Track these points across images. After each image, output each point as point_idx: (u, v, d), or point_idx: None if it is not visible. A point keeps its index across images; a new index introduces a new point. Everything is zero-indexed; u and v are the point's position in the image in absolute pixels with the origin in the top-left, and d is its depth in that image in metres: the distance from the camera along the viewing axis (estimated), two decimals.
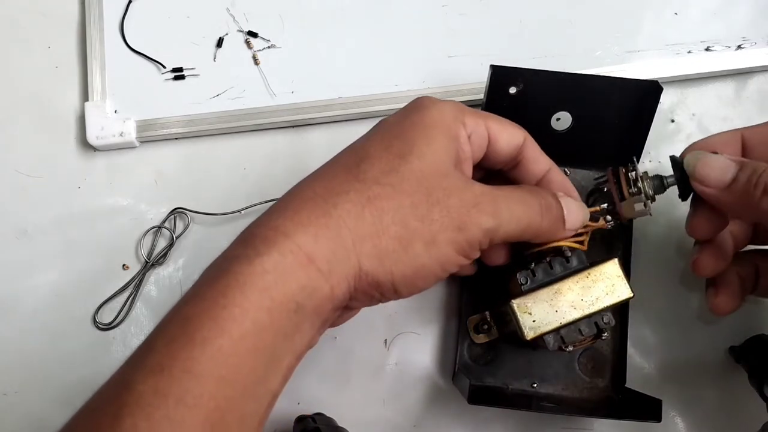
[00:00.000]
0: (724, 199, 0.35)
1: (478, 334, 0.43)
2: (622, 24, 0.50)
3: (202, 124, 0.48)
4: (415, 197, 0.32)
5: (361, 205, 0.31)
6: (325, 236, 0.30)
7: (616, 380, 0.43)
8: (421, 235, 0.31)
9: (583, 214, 0.37)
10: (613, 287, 0.38)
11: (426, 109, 0.34)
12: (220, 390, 0.27)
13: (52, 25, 0.51)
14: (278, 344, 0.29)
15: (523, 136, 0.37)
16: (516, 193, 0.35)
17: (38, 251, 0.48)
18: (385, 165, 0.32)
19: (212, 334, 0.27)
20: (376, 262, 0.31)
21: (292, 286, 0.29)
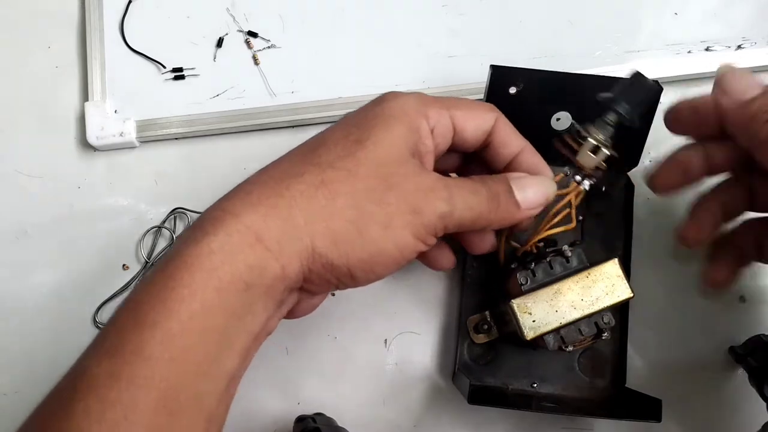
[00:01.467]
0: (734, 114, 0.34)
1: (478, 334, 0.43)
2: (622, 24, 0.50)
3: (202, 124, 0.48)
4: (370, 181, 0.31)
5: (315, 186, 0.31)
6: (275, 215, 0.30)
7: (616, 380, 0.43)
8: (377, 218, 0.31)
9: (545, 190, 0.36)
10: (613, 287, 0.38)
11: (387, 101, 0.34)
12: (171, 371, 0.27)
13: (52, 25, 0.51)
14: (230, 324, 0.29)
15: (494, 119, 0.37)
16: (468, 183, 0.34)
17: (38, 251, 0.48)
18: (341, 150, 0.32)
19: (161, 317, 0.28)
20: (330, 243, 0.31)
21: (239, 266, 0.29)
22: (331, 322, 0.46)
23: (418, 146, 0.34)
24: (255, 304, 0.30)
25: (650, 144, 0.43)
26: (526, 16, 0.50)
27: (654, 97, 0.37)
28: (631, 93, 0.36)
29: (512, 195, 0.35)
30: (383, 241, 0.31)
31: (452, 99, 0.36)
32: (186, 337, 0.28)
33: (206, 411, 0.29)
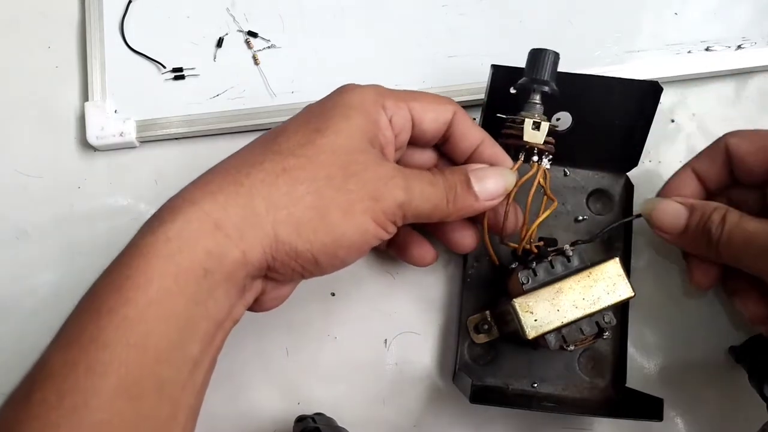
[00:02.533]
0: (683, 244, 0.37)
1: (478, 334, 0.43)
2: (622, 24, 0.50)
3: (202, 124, 0.48)
4: (330, 169, 0.32)
5: (275, 174, 0.31)
6: (235, 203, 0.30)
7: (616, 380, 0.43)
8: (338, 203, 0.32)
9: (503, 180, 0.37)
10: (614, 286, 0.38)
11: (347, 92, 0.35)
12: (130, 356, 0.27)
13: (52, 25, 0.51)
14: (190, 310, 0.29)
15: (452, 111, 0.37)
16: (426, 174, 0.35)
17: (38, 251, 0.48)
18: (301, 138, 0.33)
19: (117, 304, 0.28)
20: (292, 230, 0.31)
21: (198, 252, 0.29)
22: (331, 322, 0.46)
23: (377, 137, 0.34)
24: (216, 290, 0.30)
25: (650, 144, 0.43)
26: (526, 16, 0.50)
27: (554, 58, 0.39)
28: (536, 66, 0.38)
29: (470, 186, 0.35)
30: (345, 226, 0.32)
31: (411, 92, 0.37)
32: (144, 323, 0.28)
33: (170, 396, 0.29)
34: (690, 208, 0.37)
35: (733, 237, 0.35)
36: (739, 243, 0.34)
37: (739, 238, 0.34)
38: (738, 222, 0.35)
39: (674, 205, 0.37)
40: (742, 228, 0.35)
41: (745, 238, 0.34)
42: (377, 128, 0.34)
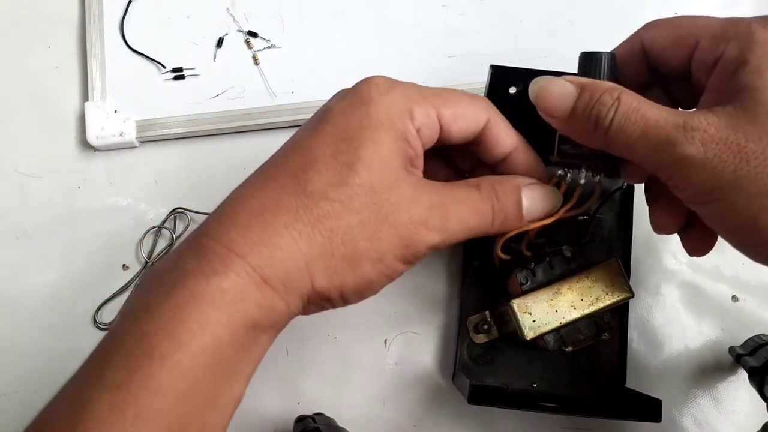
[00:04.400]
0: (568, 131, 0.33)
1: (478, 334, 0.43)
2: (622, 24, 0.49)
3: (202, 124, 0.48)
4: (363, 214, 0.31)
5: (311, 225, 0.31)
6: (279, 258, 0.30)
7: (616, 380, 0.43)
8: (369, 255, 0.31)
9: (551, 203, 0.35)
10: (613, 287, 0.38)
11: (373, 104, 0.32)
12: (179, 404, 0.27)
13: (52, 25, 0.51)
14: (238, 357, 0.30)
15: (485, 119, 0.35)
16: (469, 201, 0.34)
17: (38, 251, 0.48)
18: (332, 176, 0.31)
19: (170, 350, 0.27)
20: (326, 281, 0.31)
21: (250, 305, 0.29)
22: (331, 322, 0.46)
23: (407, 153, 0.33)
24: (261, 337, 0.31)
25: None
26: (526, 16, 0.50)
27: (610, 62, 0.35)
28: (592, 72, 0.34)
29: (520, 208, 0.35)
30: (374, 274, 0.32)
31: (441, 94, 0.34)
32: (196, 370, 0.28)
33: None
34: (579, 87, 0.32)
35: (628, 123, 0.30)
36: (634, 131, 0.30)
37: (635, 125, 0.30)
38: (636, 107, 0.30)
39: (562, 82, 0.32)
40: (641, 114, 0.30)
41: (644, 126, 0.29)
42: (407, 145, 0.33)
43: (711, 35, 0.31)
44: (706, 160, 0.28)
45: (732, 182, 0.28)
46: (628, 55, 0.35)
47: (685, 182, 0.29)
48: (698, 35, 0.32)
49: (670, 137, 0.29)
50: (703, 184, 0.29)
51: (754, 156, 0.27)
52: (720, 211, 0.29)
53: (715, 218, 0.30)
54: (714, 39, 0.31)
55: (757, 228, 0.28)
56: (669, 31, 0.34)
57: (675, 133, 0.29)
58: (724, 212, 0.29)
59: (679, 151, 0.28)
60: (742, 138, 0.28)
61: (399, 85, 0.33)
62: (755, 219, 0.28)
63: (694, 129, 0.28)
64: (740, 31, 0.30)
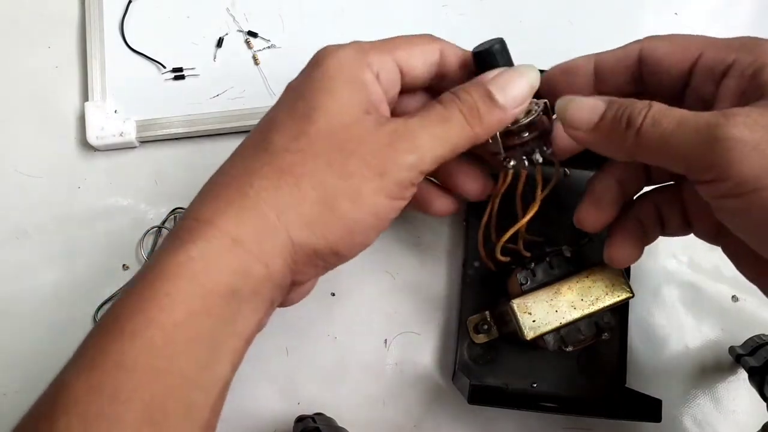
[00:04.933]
0: (595, 138, 0.32)
1: (478, 334, 0.43)
2: (622, 24, 0.50)
3: (202, 124, 0.48)
4: (328, 155, 0.30)
5: (276, 177, 0.30)
6: (247, 216, 0.29)
7: (616, 380, 0.43)
8: (344, 191, 0.30)
9: (528, 79, 0.33)
10: (613, 287, 0.38)
11: (325, 60, 0.32)
12: (156, 381, 0.27)
13: (52, 25, 0.51)
14: (218, 330, 0.28)
15: (437, 49, 0.35)
16: (433, 114, 0.32)
17: (38, 251, 0.48)
18: (291, 130, 0.31)
19: (142, 326, 0.27)
20: (306, 230, 0.30)
21: (222, 271, 0.28)
22: (331, 322, 0.46)
23: (368, 100, 0.32)
24: (244, 308, 0.29)
25: None
26: (526, 16, 0.50)
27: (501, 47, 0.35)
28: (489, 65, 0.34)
29: (493, 99, 0.32)
30: (357, 213, 0.31)
31: (391, 40, 0.34)
32: (170, 346, 0.27)
33: (199, 421, 0.28)
34: (607, 101, 0.32)
35: (663, 118, 0.29)
36: (670, 123, 0.28)
37: (671, 118, 0.29)
38: (666, 108, 0.29)
39: (590, 100, 0.32)
40: (672, 112, 0.29)
41: (678, 118, 0.28)
42: (366, 91, 0.32)
43: (716, 46, 0.31)
44: (754, 142, 0.26)
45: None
46: (620, 61, 0.35)
47: (727, 170, 0.27)
48: (701, 47, 0.32)
49: (711, 122, 0.27)
50: (752, 169, 0.26)
51: None
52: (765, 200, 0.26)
53: (757, 211, 0.27)
54: (720, 49, 0.31)
55: None
56: (671, 41, 0.33)
57: (716, 119, 0.27)
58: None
59: (724, 133, 0.26)
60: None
61: (350, 43, 0.33)
62: None
63: (736, 114, 0.27)
64: (747, 42, 0.30)
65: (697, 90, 0.32)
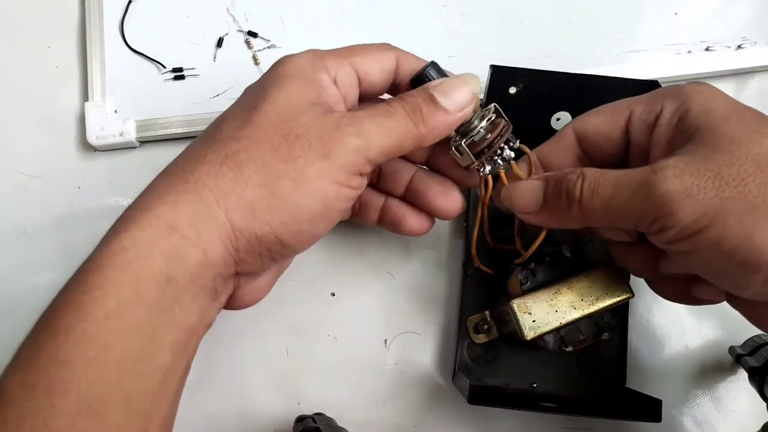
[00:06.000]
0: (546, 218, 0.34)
1: (478, 334, 0.43)
2: (622, 24, 0.50)
3: (202, 124, 0.48)
4: (273, 141, 0.30)
5: (219, 163, 0.30)
6: (184, 202, 0.29)
7: (616, 380, 0.43)
8: (287, 174, 0.30)
9: (469, 85, 0.34)
10: (613, 287, 0.38)
11: (281, 64, 0.33)
12: (91, 373, 0.26)
13: (52, 25, 0.51)
14: (154, 320, 0.28)
15: (395, 57, 0.36)
16: (379, 107, 0.33)
17: (38, 251, 0.48)
18: (239, 119, 0.31)
19: (75, 320, 0.27)
20: (247, 215, 0.29)
21: (156, 258, 0.28)
22: (331, 322, 0.46)
23: (321, 96, 0.32)
24: (182, 296, 0.29)
25: None
26: (526, 16, 0.50)
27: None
28: None
29: (436, 102, 0.33)
30: (301, 197, 0.30)
31: (348, 47, 0.35)
32: (103, 336, 0.27)
33: (139, 410, 0.28)
34: (544, 180, 0.34)
35: (598, 187, 0.31)
36: (605, 192, 0.31)
37: (605, 186, 0.31)
38: (601, 173, 0.31)
39: (528, 181, 0.35)
40: (607, 176, 0.31)
41: (613, 183, 0.30)
42: (319, 87, 0.32)
43: (643, 101, 0.33)
44: (686, 190, 0.28)
45: (718, 205, 0.28)
46: (556, 148, 0.36)
47: (669, 219, 0.29)
48: (631, 106, 0.34)
49: (643, 180, 0.29)
50: (689, 214, 0.28)
51: (731, 179, 0.28)
52: (710, 238, 0.28)
53: (704, 251, 0.29)
54: (648, 102, 0.33)
55: (752, 246, 0.27)
56: (599, 112, 0.35)
57: (647, 176, 0.29)
58: (715, 239, 0.28)
59: (656, 189, 0.29)
60: (713, 165, 0.28)
61: (307, 50, 0.34)
62: (749, 237, 0.27)
63: (664, 168, 0.29)
64: (671, 92, 0.33)
65: (637, 145, 0.34)
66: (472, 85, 0.34)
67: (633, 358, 0.44)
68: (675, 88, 0.33)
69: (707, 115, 0.30)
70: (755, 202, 0.27)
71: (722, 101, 0.31)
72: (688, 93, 0.32)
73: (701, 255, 0.29)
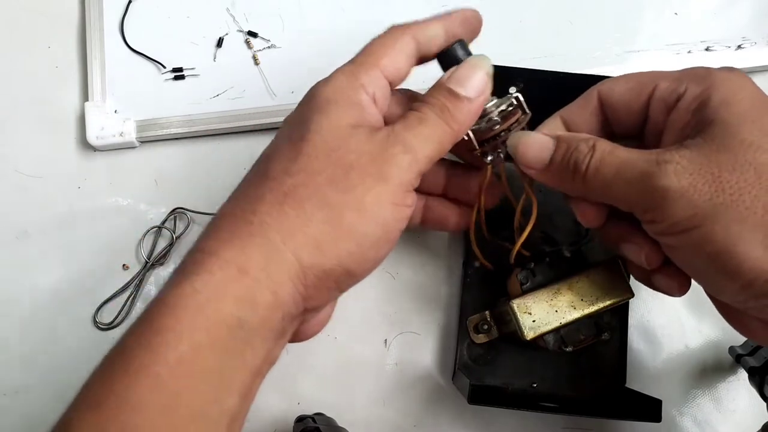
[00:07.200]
0: (546, 178, 0.34)
1: (478, 334, 0.43)
2: (622, 24, 0.50)
3: (202, 124, 0.48)
4: (328, 171, 0.30)
5: (279, 202, 0.30)
6: (252, 245, 0.29)
7: (616, 380, 0.43)
8: (349, 204, 0.30)
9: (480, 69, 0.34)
10: (614, 287, 0.38)
11: (318, 90, 0.33)
12: (162, 418, 0.26)
13: (52, 25, 0.51)
14: (225, 364, 0.28)
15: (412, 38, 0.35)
16: (411, 117, 0.33)
17: (38, 251, 0.48)
18: (289, 154, 0.31)
19: (147, 362, 0.26)
20: (314, 251, 0.29)
21: (228, 302, 0.28)
22: (331, 322, 0.46)
23: (364, 117, 0.32)
24: (253, 339, 0.29)
25: None
26: (526, 16, 0.50)
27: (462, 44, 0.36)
28: None
29: (456, 95, 0.33)
30: (364, 225, 0.30)
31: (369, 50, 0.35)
32: (176, 381, 0.26)
33: None
34: (556, 139, 0.34)
35: (603, 166, 0.31)
36: (610, 171, 0.31)
37: (609, 167, 0.31)
38: (610, 150, 0.31)
39: (539, 136, 0.34)
40: (614, 155, 0.31)
41: (617, 166, 0.31)
42: (361, 108, 0.32)
43: (670, 78, 0.33)
44: (682, 189, 0.29)
45: (709, 210, 0.28)
46: (581, 109, 0.36)
47: (661, 213, 0.30)
48: (657, 80, 0.33)
49: (644, 171, 0.30)
50: (680, 213, 0.29)
51: (729, 185, 0.28)
52: (696, 239, 0.29)
53: (689, 249, 0.30)
54: (674, 80, 0.32)
55: (733, 255, 0.28)
56: (627, 80, 0.35)
57: (649, 167, 0.30)
58: (700, 240, 0.29)
59: (655, 182, 0.29)
60: (715, 168, 0.29)
61: (336, 71, 0.34)
62: (733, 246, 0.28)
63: (667, 162, 0.29)
64: (699, 73, 0.32)
65: (654, 122, 0.34)
66: (484, 66, 0.34)
67: (633, 358, 0.44)
68: (704, 71, 0.32)
69: (726, 109, 0.30)
70: (745, 213, 0.28)
71: (747, 94, 0.30)
72: (713, 80, 0.31)
73: (686, 252, 0.31)
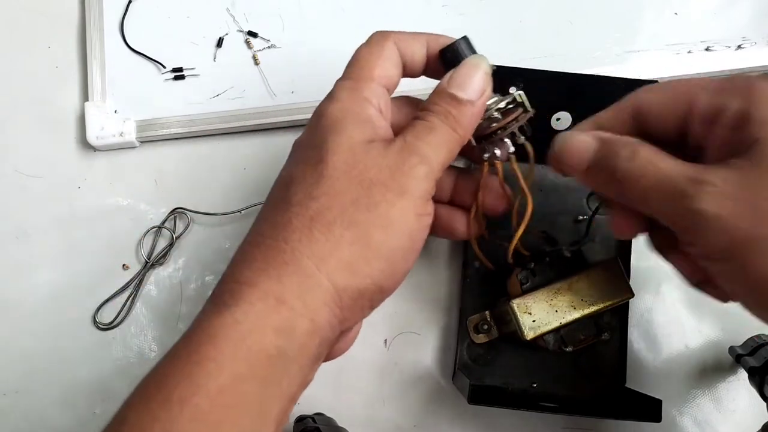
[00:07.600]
0: (588, 181, 0.33)
1: (478, 334, 0.43)
2: (622, 24, 0.50)
3: (202, 124, 0.48)
4: (351, 191, 0.30)
5: (307, 228, 0.30)
6: (287, 273, 0.29)
7: (616, 380, 0.43)
8: (375, 222, 0.30)
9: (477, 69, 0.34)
10: (614, 287, 0.38)
11: (326, 110, 0.33)
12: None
13: (52, 25, 0.51)
14: (264, 393, 0.28)
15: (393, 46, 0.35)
16: (420, 127, 0.33)
17: (38, 251, 0.48)
18: (310, 177, 0.31)
19: (188, 393, 0.26)
20: (347, 274, 0.30)
21: (267, 332, 0.28)
22: None
23: (375, 131, 0.33)
24: (290, 367, 0.29)
25: None
26: (526, 16, 0.50)
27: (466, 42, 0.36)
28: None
29: (458, 100, 0.33)
30: (392, 240, 0.31)
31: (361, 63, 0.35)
32: (217, 412, 0.26)
33: None
34: (599, 141, 0.32)
35: (644, 175, 0.30)
36: (648, 182, 0.30)
37: (649, 177, 0.30)
38: (651, 158, 0.30)
39: (582, 136, 0.33)
40: (654, 165, 0.30)
41: (658, 177, 0.29)
42: (371, 123, 0.33)
43: (710, 90, 0.31)
44: (719, 217, 0.27)
45: (747, 241, 0.27)
46: (616, 117, 0.35)
47: (698, 238, 0.28)
48: (696, 92, 0.31)
49: (683, 191, 0.28)
50: (717, 241, 0.27)
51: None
52: (734, 270, 0.28)
53: (727, 277, 0.29)
54: (714, 93, 0.31)
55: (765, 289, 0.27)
56: (665, 91, 0.33)
57: (688, 187, 0.28)
58: (738, 272, 0.28)
59: (693, 205, 0.28)
60: (757, 196, 0.27)
61: (336, 87, 0.34)
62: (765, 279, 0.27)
63: (707, 183, 0.28)
64: (740, 86, 0.30)
65: (695, 136, 0.32)
66: (482, 67, 0.34)
67: (633, 358, 0.44)
68: (744, 83, 0.30)
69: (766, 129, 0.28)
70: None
71: None
72: (755, 95, 0.29)
73: (725, 277, 0.29)
